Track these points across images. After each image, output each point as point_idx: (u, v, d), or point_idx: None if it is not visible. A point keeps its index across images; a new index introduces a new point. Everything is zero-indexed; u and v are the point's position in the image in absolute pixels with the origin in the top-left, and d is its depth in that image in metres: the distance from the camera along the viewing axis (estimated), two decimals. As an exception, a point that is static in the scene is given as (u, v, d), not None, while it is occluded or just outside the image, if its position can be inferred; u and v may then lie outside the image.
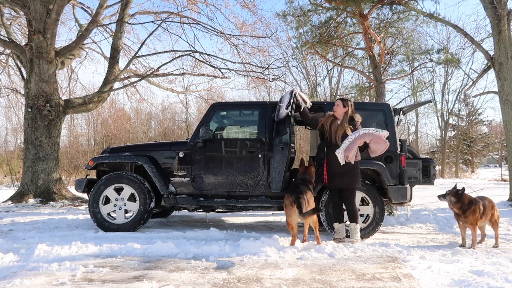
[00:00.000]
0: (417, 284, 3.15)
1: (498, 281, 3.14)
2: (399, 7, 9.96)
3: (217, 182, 5.43)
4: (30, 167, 9.38)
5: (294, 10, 10.81)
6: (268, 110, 5.53)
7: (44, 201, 9.04)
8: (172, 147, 5.63)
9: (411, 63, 13.49)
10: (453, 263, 3.74)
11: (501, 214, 7.26)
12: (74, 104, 10.51)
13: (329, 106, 5.56)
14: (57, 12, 9.52)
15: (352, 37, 11.72)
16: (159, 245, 4.26)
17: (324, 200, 5.11)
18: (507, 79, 8.11)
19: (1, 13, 11.08)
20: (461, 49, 21.21)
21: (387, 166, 5.22)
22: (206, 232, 5.21)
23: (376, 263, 3.79)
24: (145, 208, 5.30)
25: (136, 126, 30.40)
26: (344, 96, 21.47)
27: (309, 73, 25.63)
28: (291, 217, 4.35)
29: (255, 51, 13.83)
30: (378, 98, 9.84)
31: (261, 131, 5.47)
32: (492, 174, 29.34)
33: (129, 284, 3.08)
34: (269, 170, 5.34)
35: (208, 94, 19.05)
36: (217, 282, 3.15)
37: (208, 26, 11.98)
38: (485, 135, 35.04)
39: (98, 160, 5.59)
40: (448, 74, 28.02)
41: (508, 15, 8.15)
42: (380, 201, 5.13)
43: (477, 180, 21.91)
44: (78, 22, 13.13)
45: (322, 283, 3.16)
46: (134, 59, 11.89)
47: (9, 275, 3.31)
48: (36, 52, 9.53)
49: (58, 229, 5.62)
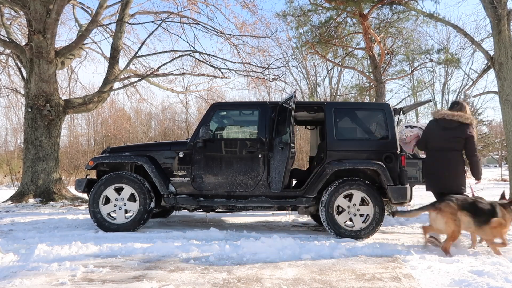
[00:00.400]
0: (417, 284, 3.15)
1: (498, 281, 3.14)
2: (399, 7, 9.95)
3: (217, 182, 5.43)
4: (30, 167, 9.38)
5: (294, 10, 10.80)
6: (268, 110, 5.54)
7: (44, 201, 9.04)
8: (172, 147, 5.62)
9: (411, 63, 13.48)
10: (453, 263, 3.74)
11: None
12: (74, 104, 10.51)
13: (329, 106, 5.57)
14: (57, 12, 9.52)
15: (352, 37, 11.71)
16: (159, 245, 4.26)
17: (324, 200, 5.12)
18: (507, 79, 8.11)
19: (1, 13, 11.08)
20: (461, 49, 21.24)
21: (387, 166, 5.22)
22: (206, 232, 5.21)
23: (376, 263, 3.79)
24: (145, 208, 5.30)
25: (136, 126, 30.40)
26: (344, 96, 21.50)
27: (309, 73, 25.63)
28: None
29: (255, 51, 13.86)
30: (378, 98, 9.83)
31: (261, 131, 5.47)
32: (492, 174, 29.33)
33: (129, 284, 3.08)
34: (269, 170, 5.35)
35: (208, 94, 19.08)
36: (217, 282, 3.15)
37: (208, 26, 12.00)
38: (485, 135, 34.98)
39: (98, 160, 5.59)
40: (448, 74, 28.02)
41: (508, 15, 8.15)
42: (380, 201, 5.12)
43: (477, 180, 21.86)
44: (78, 22, 13.14)
45: (322, 283, 3.16)
46: (134, 59, 11.89)
47: (9, 275, 3.31)
48: (36, 52, 9.53)
49: (58, 229, 5.62)
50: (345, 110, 5.67)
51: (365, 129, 5.60)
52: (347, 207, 5.14)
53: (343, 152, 5.34)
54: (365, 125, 5.63)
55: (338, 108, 5.59)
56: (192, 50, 11.65)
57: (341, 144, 5.37)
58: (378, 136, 5.49)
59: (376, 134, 5.53)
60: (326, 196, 5.12)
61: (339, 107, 5.64)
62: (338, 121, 5.51)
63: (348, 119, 5.63)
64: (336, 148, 5.35)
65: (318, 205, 5.22)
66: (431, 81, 25.49)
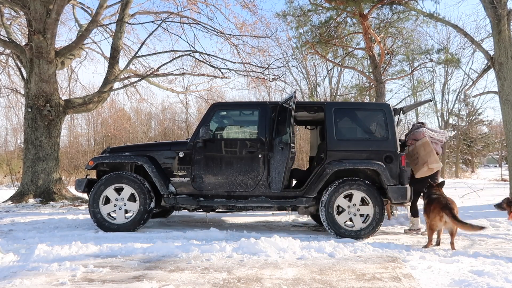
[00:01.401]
0: (417, 284, 3.15)
1: (498, 281, 3.15)
2: (399, 7, 9.96)
3: (217, 182, 5.42)
4: (30, 167, 9.38)
5: (294, 10, 10.81)
6: (268, 110, 5.53)
7: (44, 201, 9.04)
8: (172, 147, 5.62)
9: (411, 63, 13.48)
10: (453, 263, 3.74)
11: (501, 214, 7.26)
12: (74, 104, 10.50)
13: (329, 106, 5.57)
14: (57, 12, 9.52)
15: (352, 37, 11.72)
16: (159, 245, 4.26)
17: (324, 200, 5.12)
18: (507, 79, 8.11)
19: (1, 13, 11.08)
20: (461, 49, 21.25)
21: (387, 166, 5.22)
22: (206, 232, 5.21)
23: (376, 263, 3.79)
24: (145, 208, 5.30)
25: (136, 126, 30.39)
26: (344, 96, 21.49)
27: (309, 73, 25.64)
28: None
29: (255, 51, 13.84)
30: (378, 98, 9.83)
31: (261, 131, 5.47)
32: (492, 174, 29.34)
33: (129, 284, 3.08)
34: (269, 170, 5.35)
35: (208, 94, 19.06)
36: (217, 282, 3.15)
37: (208, 26, 11.98)
38: (485, 135, 35.04)
39: (98, 160, 5.59)
40: (448, 74, 28.06)
41: (508, 15, 8.15)
42: (380, 201, 5.13)
43: (477, 180, 21.91)
44: (78, 22, 13.13)
45: (322, 283, 3.16)
46: (134, 59, 11.88)
47: (9, 275, 3.31)
48: (36, 52, 9.53)
49: (58, 229, 5.62)
50: (345, 110, 5.67)
51: (365, 129, 5.60)
52: (347, 207, 5.14)
53: (343, 152, 5.34)
54: (365, 125, 5.63)
55: (338, 108, 5.59)
56: (192, 50, 11.63)
57: (341, 144, 5.38)
58: (378, 136, 5.49)
59: (376, 134, 5.53)
60: (326, 196, 5.12)
61: (339, 107, 5.65)
62: (338, 121, 5.51)
63: (348, 119, 5.64)
64: (336, 148, 5.35)
65: (318, 205, 5.22)
66: (431, 81, 25.52)
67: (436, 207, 4.49)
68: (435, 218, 4.45)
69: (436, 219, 4.44)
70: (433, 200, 4.62)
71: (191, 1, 12.97)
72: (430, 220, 4.53)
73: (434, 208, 4.51)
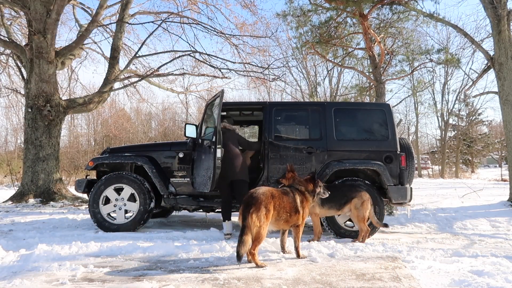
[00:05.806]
0: (417, 284, 3.15)
1: (498, 281, 3.15)
2: (399, 7, 9.96)
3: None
4: (30, 167, 9.38)
5: (294, 10, 10.81)
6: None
7: (44, 201, 9.04)
8: (172, 147, 5.62)
9: (411, 63, 13.47)
10: (453, 263, 3.74)
11: (501, 214, 7.27)
12: (74, 104, 10.50)
13: (329, 106, 5.58)
14: (57, 12, 9.52)
15: (352, 37, 11.71)
16: (159, 245, 4.26)
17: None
18: (507, 79, 8.11)
19: (1, 13, 11.09)
20: (461, 49, 21.23)
21: (387, 166, 5.22)
22: (206, 232, 5.21)
23: (376, 263, 3.79)
24: (145, 208, 5.30)
25: (136, 126, 30.40)
26: (344, 96, 21.49)
27: (309, 73, 25.63)
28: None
29: (255, 51, 13.85)
30: (378, 98, 9.83)
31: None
32: (492, 174, 29.31)
33: (129, 284, 3.08)
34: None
35: (208, 94, 19.05)
36: (217, 282, 3.15)
37: (208, 26, 11.97)
38: (485, 135, 35.01)
39: (98, 161, 5.59)
40: (448, 74, 28.04)
41: (508, 15, 8.15)
42: (380, 201, 5.13)
43: (477, 180, 21.89)
44: (78, 22, 13.15)
45: (322, 283, 3.16)
46: (134, 59, 11.88)
47: (9, 275, 3.31)
48: (36, 52, 9.53)
49: (58, 229, 5.62)
50: (345, 110, 5.67)
51: (365, 129, 5.60)
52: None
53: (343, 152, 5.34)
54: (365, 125, 5.63)
55: (338, 108, 5.59)
56: (192, 50, 11.63)
57: (341, 144, 5.37)
58: (378, 136, 5.49)
59: (376, 134, 5.52)
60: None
61: (339, 107, 5.65)
62: (338, 121, 5.51)
63: (348, 119, 5.63)
64: (336, 148, 5.35)
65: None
66: (431, 81, 25.53)
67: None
68: None
69: None
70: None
71: (191, 1, 12.98)
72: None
73: None
